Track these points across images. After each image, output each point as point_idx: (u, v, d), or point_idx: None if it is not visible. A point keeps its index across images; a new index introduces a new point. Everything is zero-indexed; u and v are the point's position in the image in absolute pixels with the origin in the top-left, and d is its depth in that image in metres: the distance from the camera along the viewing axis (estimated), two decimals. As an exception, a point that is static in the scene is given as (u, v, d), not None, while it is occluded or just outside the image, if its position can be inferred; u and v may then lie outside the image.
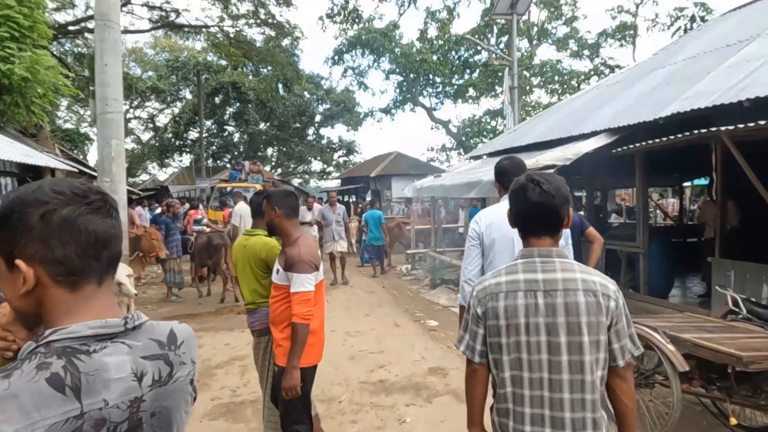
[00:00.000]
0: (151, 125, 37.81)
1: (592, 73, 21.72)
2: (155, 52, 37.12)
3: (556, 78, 22.07)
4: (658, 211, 14.95)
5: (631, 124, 6.07)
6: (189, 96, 33.89)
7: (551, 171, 6.01)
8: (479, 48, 22.12)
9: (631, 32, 21.57)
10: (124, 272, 5.49)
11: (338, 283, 9.51)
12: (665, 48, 8.95)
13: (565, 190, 1.60)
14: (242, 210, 10.06)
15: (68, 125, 31.55)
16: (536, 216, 1.59)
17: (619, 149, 5.66)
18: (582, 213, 9.08)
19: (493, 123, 22.80)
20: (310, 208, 10.86)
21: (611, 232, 8.58)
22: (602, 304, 1.49)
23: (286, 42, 25.89)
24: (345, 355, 5.41)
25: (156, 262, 9.37)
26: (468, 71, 22.54)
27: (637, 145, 5.29)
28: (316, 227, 10.12)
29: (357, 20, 20.06)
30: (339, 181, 28.40)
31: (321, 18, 20.37)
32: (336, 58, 21.27)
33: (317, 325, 2.74)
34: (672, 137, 4.74)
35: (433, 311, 7.45)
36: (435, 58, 20.06)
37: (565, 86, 21.60)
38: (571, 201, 1.68)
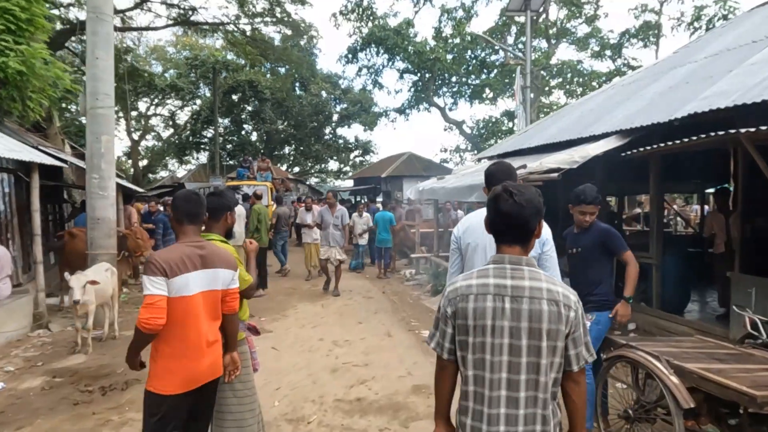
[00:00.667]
0: (170, 123, 38.25)
1: (614, 73, 21.01)
2: (176, 50, 37.50)
3: (576, 80, 21.42)
4: (679, 219, 14.26)
5: (645, 126, 5.61)
6: (208, 94, 34.07)
7: (554, 175, 5.60)
8: (497, 48, 21.63)
9: (655, 32, 20.80)
10: (82, 278, 5.26)
11: (329, 293, 8.84)
12: (686, 46, 8.41)
13: (537, 201, 1.66)
14: (239, 212, 9.80)
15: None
16: (507, 225, 1.67)
17: (630, 152, 5.21)
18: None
19: (510, 124, 22.23)
20: (308, 210, 10.40)
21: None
22: (563, 313, 1.58)
23: (303, 41, 25.83)
24: (327, 367, 5.07)
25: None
26: (485, 71, 22.02)
27: (649, 148, 4.84)
28: (317, 230, 9.71)
29: (371, 18, 19.71)
30: (352, 181, 28.14)
31: (334, 15, 20.05)
32: (350, 56, 20.94)
33: (178, 349, 2.28)
34: (686, 140, 4.29)
35: (430, 320, 7.07)
36: (450, 57, 19.59)
37: (585, 87, 20.93)
38: (543, 213, 1.71)
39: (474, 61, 21.42)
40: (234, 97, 32.79)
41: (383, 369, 5.00)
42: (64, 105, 14.52)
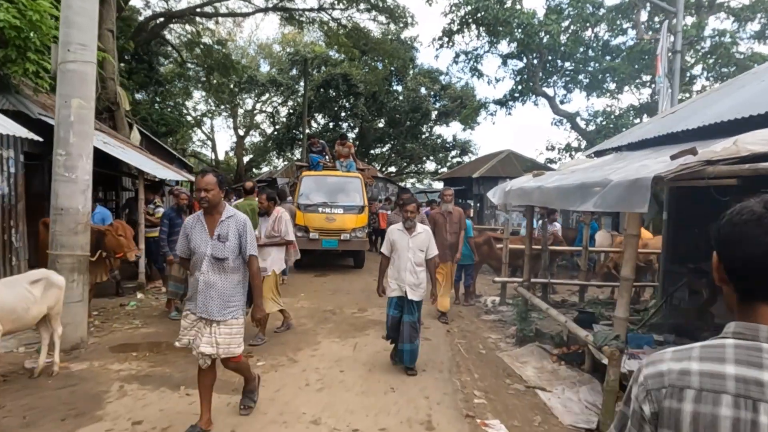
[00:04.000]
0: (271, 119, 38.99)
1: (784, 57, 16.20)
2: (281, 47, 38.09)
3: (732, 67, 16.84)
4: None
5: None
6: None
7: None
8: (624, 26, 17.87)
9: None
10: None
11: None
12: None
13: None
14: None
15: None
16: None
17: None
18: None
19: (637, 121, 18.27)
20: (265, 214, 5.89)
21: None
22: None
23: (401, 29, 24.24)
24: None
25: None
26: (608, 57, 18.27)
27: None
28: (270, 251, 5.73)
29: (470, -7, 16.91)
30: (442, 183, 25.64)
31: (427, -11, 17.62)
32: (445, 39, 18.37)
33: None
34: None
35: (506, 394, 4.46)
36: (564, 38, 16.29)
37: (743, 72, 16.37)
38: None
39: (594, 44, 17.82)
40: (330, 91, 32.08)
41: None
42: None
